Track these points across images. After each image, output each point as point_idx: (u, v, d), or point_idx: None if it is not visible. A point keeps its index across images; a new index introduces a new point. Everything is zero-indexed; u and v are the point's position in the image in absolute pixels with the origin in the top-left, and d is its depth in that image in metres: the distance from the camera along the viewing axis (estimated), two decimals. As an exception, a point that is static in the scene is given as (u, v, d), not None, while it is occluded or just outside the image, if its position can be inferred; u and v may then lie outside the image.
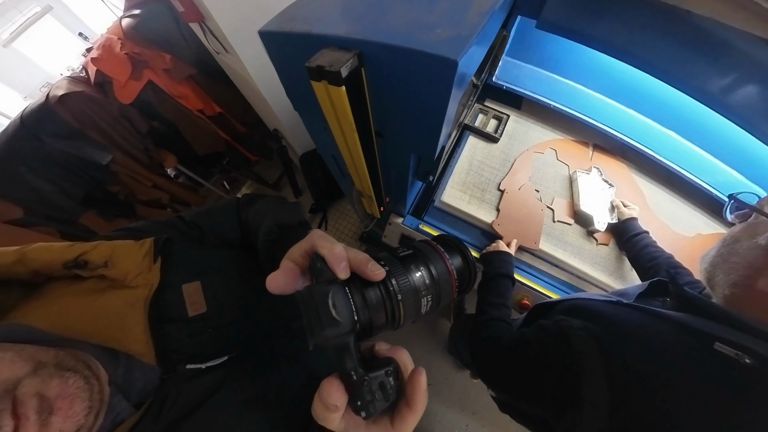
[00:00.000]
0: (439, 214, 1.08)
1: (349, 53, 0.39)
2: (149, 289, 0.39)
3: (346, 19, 0.44)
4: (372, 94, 0.46)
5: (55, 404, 0.28)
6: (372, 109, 0.49)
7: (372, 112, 0.50)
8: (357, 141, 0.50)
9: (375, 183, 0.72)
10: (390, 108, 0.48)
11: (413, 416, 0.26)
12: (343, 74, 0.37)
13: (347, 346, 0.25)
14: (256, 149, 2.10)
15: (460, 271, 0.30)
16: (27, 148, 1.42)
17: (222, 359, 0.41)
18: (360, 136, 0.51)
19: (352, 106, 0.44)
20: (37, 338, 0.34)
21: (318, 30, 0.44)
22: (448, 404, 1.81)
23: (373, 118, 0.52)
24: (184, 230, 0.51)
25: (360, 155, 0.54)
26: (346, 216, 2.24)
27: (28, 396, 0.26)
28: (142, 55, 1.49)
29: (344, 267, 0.25)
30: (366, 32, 0.40)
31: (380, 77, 0.43)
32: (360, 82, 0.42)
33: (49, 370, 0.29)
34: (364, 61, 0.41)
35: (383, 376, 0.25)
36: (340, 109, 0.43)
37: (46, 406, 0.27)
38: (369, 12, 0.44)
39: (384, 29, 0.40)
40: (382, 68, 0.41)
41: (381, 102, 0.48)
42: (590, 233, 1.05)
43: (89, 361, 0.34)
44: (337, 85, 0.38)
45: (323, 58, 0.40)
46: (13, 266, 0.38)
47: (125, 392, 0.36)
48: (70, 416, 0.28)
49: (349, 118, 0.44)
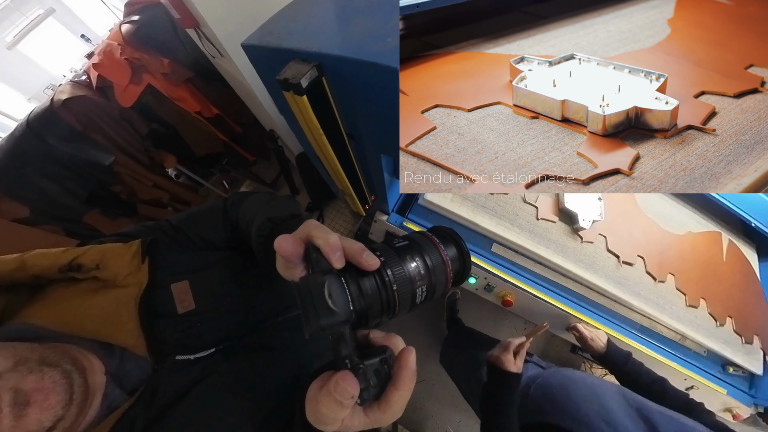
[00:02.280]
0: (423, 211, 1.11)
1: (308, 65, 0.43)
2: (139, 288, 0.43)
3: (309, 33, 0.48)
4: (337, 100, 0.50)
5: (31, 397, 0.30)
6: (340, 113, 0.54)
7: (340, 116, 0.54)
8: (326, 143, 0.54)
9: (354, 182, 0.76)
10: (355, 112, 0.52)
11: (398, 394, 0.25)
12: (303, 85, 0.42)
13: (343, 335, 0.25)
14: (254, 149, 2.15)
15: (454, 261, 0.31)
16: (33, 150, 1.49)
17: (210, 351, 0.45)
18: (331, 138, 0.55)
19: (319, 111, 0.48)
20: (41, 335, 0.38)
21: (287, 44, 0.48)
22: (440, 401, 1.85)
23: (342, 122, 0.56)
24: (171, 234, 0.54)
25: (332, 156, 0.59)
26: (342, 214, 2.28)
27: (4, 390, 0.29)
28: (141, 60, 1.54)
29: (339, 257, 0.26)
30: (323, 45, 0.44)
31: (340, 85, 0.47)
32: (322, 90, 0.47)
33: (29, 366, 0.32)
34: (324, 71, 0.45)
35: (378, 363, 0.26)
36: (306, 115, 0.47)
37: (22, 399, 0.29)
38: (332, 25, 0.48)
39: (340, 41, 0.44)
40: (340, 77, 0.46)
41: (346, 107, 0.52)
42: (575, 231, 1.08)
43: (79, 356, 0.37)
44: (299, 94, 0.43)
45: (289, 71, 0.44)
46: (15, 272, 0.41)
47: (119, 381, 0.40)
48: (45, 408, 0.31)
49: (315, 123, 0.48)
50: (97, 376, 0.38)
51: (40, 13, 3.96)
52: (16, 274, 0.41)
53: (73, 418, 0.33)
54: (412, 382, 0.26)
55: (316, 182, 2.10)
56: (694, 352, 1.12)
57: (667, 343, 1.10)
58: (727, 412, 1.09)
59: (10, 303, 0.42)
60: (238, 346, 0.48)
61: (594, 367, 1.95)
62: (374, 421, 0.26)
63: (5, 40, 3.81)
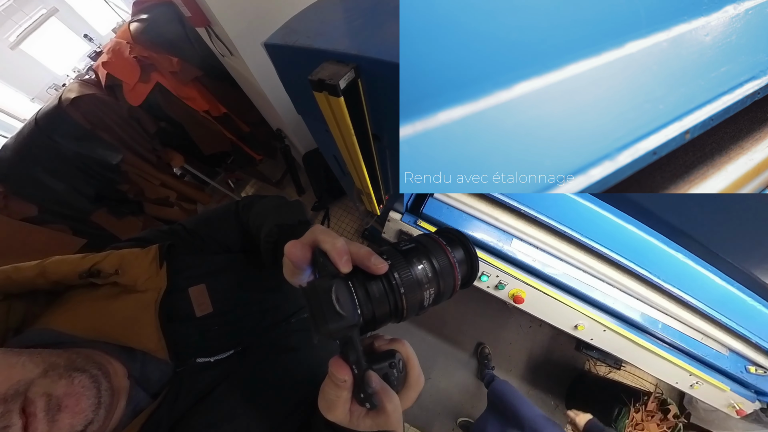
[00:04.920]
0: (438, 206, 1.10)
1: (346, 67, 0.43)
2: (158, 292, 0.43)
3: (345, 35, 0.48)
4: (368, 102, 0.51)
5: (63, 402, 0.30)
6: (369, 115, 0.54)
7: (369, 118, 0.55)
8: (356, 144, 0.55)
9: (373, 182, 0.76)
10: (385, 115, 0.53)
11: (405, 395, 0.27)
12: (341, 86, 0.42)
13: (351, 339, 0.25)
14: (260, 148, 2.15)
15: (462, 263, 0.30)
16: (41, 149, 1.49)
17: (228, 353, 0.46)
18: (358, 139, 0.55)
19: (351, 113, 0.48)
20: (62, 341, 0.39)
21: (319, 45, 0.49)
22: (447, 399, 1.86)
23: (370, 124, 0.56)
24: (186, 238, 0.54)
25: (358, 157, 0.59)
26: (349, 213, 2.29)
27: (37, 396, 0.29)
28: (150, 58, 1.54)
29: (346, 261, 0.26)
30: (362, 48, 0.44)
31: (375, 87, 0.47)
32: (357, 92, 0.47)
33: (59, 371, 0.32)
34: (360, 73, 0.45)
35: (387, 367, 0.26)
36: (340, 116, 0.47)
37: (54, 405, 0.30)
38: (364, 28, 0.49)
39: (377, 45, 0.44)
40: (376, 80, 0.46)
41: (376, 109, 0.52)
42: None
43: (103, 361, 0.37)
44: (336, 96, 0.43)
45: (324, 72, 0.45)
46: (36, 279, 0.42)
47: (143, 384, 0.40)
48: (77, 413, 0.31)
49: (348, 125, 0.48)
50: (121, 380, 0.38)
51: (42, 13, 3.95)
52: (37, 280, 0.42)
53: (101, 422, 0.33)
54: (418, 383, 0.27)
55: (323, 181, 2.11)
56: (715, 352, 1.12)
57: (687, 341, 1.09)
58: (730, 408, 1.11)
59: (30, 309, 0.43)
60: (256, 347, 0.48)
61: (598, 365, 1.97)
62: (384, 424, 0.27)
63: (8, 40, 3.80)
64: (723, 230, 0.82)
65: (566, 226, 0.95)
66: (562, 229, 0.94)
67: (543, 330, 2.02)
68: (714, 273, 0.99)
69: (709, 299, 1.02)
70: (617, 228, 0.94)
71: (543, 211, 0.94)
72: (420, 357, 0.29)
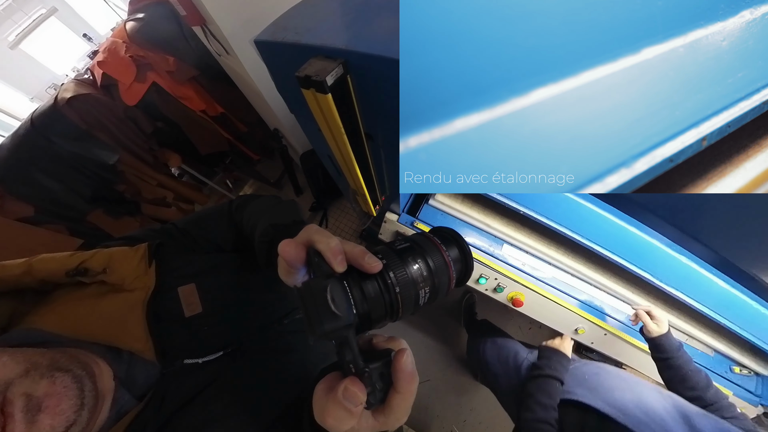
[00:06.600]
0: (433, 212, 1.10)
1: (334, 62, 0.42)
2: (146, 292, 0.42)
3: (335, 30, 0.47)
4: (359, 99, 0.49)
5: (43, 403, 0.30)
6: (360, 113, 0.53)
7: (360, 115, 0.53)
8: (347, 143, 0.53)
9: (368, 182, 0.75)
10: (377, 112, 0.51)
11: (399, 398, 0.26)
12: (328, 83, 0.41)
13: (347, 339, 0.24)
14: (258, 148, 2.14)
15: (457, 261, 0.30)
16: (37, 149, 1.48)
17: (218, 354, 0.44)
18: (350, 138, 0.54)
19: (340, 110, 0.47)
20: (48, 340, 0.38)
21: (307, 40, 0.47)
22: (445, 400, 1.84)
23: (362, 122, 0.55)
24: (178, 237, 0.53)
25: (350, 156, 0.58)
26: (347, 214, 2.27)
27: (16, 395, 0.28)
28: (146, 57, 1.53)
29: (341, 260, 0.26)
30: (350, 42, 0.43)
31: (365, 84, 0.46)
32: (347, 88, 0.45)
33: (40, 371, 0.31)
34: (349, 69, 0.44)
35: (383, 366, 0.25)
36: (329, 114, 0.46)
37: (34, 405, 0.29)
38: (353, 23, 0.47)
39: (366, 39, 0.43)
40: (366, 75, 0.44)
41: (368, 106, 0.51)
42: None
43: (89, 361, 0.36)
44: (323, 92, 0.41)
45: (311, 68, 0.43)
46: (22, 276, 0.41)
47: (128, 386, 0.39)
48: (58, 413, 0.30)
49: (337, 122, 0.47)
50: (106, 381, 0.37)
51: (42, 13, 3.95)
52: (23, 278, 0.41)
53: (84, 423, 0.33)
54: (412, 383, 0.26)
55: (321, 182, 2.10)
56: (701, 353, 1.13)
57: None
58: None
59: (17, 308, 0.42)
60: (246, 349, 0.47)
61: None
62: (382, 425, 0.26)
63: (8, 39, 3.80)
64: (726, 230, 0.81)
65: (566, 227, 0.94)
66: (563, 230, 0.93)
67: (543, 332, 2.00)
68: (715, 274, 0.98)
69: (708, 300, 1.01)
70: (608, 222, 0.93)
71: (543, 212, 0.93)
72: (418, 358, 0.28)
